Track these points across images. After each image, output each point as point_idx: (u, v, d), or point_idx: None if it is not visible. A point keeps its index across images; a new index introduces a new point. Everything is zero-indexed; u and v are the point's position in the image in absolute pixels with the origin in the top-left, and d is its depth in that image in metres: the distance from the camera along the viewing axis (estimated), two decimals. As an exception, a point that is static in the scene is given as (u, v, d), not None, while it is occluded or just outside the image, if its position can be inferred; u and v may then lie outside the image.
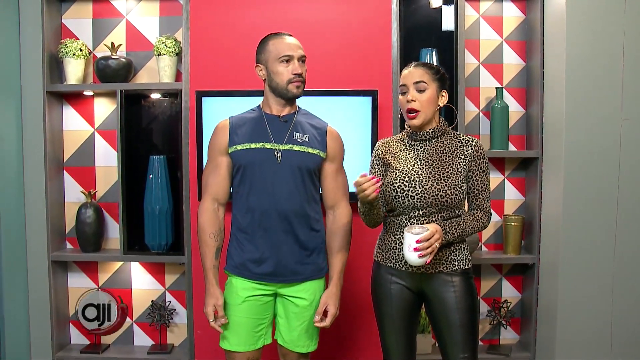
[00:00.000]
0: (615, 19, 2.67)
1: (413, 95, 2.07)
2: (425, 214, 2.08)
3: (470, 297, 2.11)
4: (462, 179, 2.08)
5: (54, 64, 3.06)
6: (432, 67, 2.13)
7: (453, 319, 2.08)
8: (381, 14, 2.89)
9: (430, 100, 2.08)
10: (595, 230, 2.74)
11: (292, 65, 2.16)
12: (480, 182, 2.12)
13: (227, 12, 2.90)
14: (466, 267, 2.12)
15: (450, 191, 2.05)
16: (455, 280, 2.10)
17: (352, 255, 2.38)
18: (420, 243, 1.93)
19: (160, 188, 3.01)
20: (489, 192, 2.14)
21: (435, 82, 2.10)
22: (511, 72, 3.14)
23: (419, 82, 2.07)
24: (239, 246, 2.23)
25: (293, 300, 2.24)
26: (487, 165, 2.13)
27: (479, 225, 2.11)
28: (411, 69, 2.11)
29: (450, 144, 2.14)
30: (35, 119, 2.98)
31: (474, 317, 2.11)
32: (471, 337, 2.10)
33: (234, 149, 2.20)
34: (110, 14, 3.13)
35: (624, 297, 2.76)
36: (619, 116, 2.70)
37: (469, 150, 2.10)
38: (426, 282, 2.12)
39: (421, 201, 2.07)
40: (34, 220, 3.02)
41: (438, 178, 2.07)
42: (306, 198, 2.21)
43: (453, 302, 2.08)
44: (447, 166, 2.09)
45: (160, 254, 3.06)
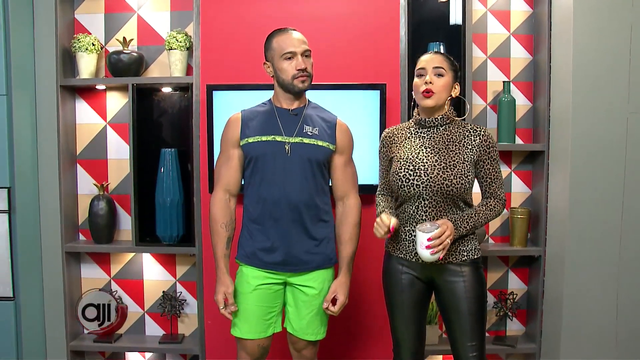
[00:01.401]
0: (623, 12, 2.68)
1: (431, 78, 2.13)
2: (432, 203, 2.12)
3: (479, 286, 2.15)
4: (469, 168, 2.12)
5: (67, 59, 3.11)
6: (450, 58, 2.20)
7: (462, 307, 2.12)
8: (389, 8, 2.91)
9: (446, 86, 2.14)
10: (601, 223, 2.77)
11: (295, 61, 2.20)
12: (492, 170, 2.16)
13: (237, 7, 2.94)
14: (475, 257, 2.16)
15: (456, 180, 2.08)
16: (465, 270, 2.14)
17: (362, 246, 2.42)
18: (431, 241, 1.98)
19: (172, 180, 3.05)
20: (501, 179, 2.19)
21: (452, 72, 2.17)
22: (518, 65, 3.15)
23: (438, 67, 2.13)
24: (250, 236, 2.29)
25: (302, 289, 2.29)
26: (497, 153, 2.18)
27: (493, 214, 2.16)
28: (432, 55, 2.18)
29: (458, 132, 2.18)
30: (48, 113, 3.03)
31: (482, 306, 2.16)
32: (479, 325, 2.14)
33: (245, 142, 2.25)
34: (122, 8, 3.17)
35: (629, 289, 2.78)
36: (626, 110, 2.72)
37: (477, 140, 2.14)
38: (436, 272, 2.17)
39: (427, 189, 2.11)
40: (48, 212, 3.07)
41: (444, 166, 2.10)
42: (316, 189, 2.25)
43: (462, 292, 2.12)
44: (453, 155, 2.12)
45: (171, 246, 3.10)
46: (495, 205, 2.16)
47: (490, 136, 2.16)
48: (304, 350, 2.35)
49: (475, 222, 2.11)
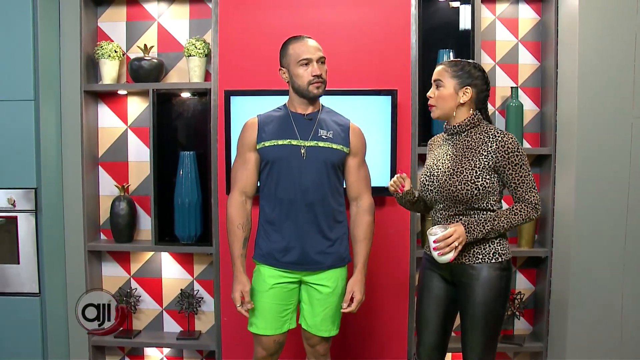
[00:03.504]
0: (627, 20, 2.75)
1: (432, 91, 2.22)
2: (445, 207, 2.19)
3: (493, 291, 2.12)
4: (480, 175, 2.10)
5: (90, 65, 3.23)
6: (456, 64, 2.20)
7: (471, 310, 2.14)
8: (400, 15, 2.99)
9: (444, 96, 2.19)
10: (606, 225, 2.83)
11: (311, 67, 2.28)
12: (515, 174, 2.10)
13: (254, 15, 3.03)
14: (493, 261, 2.13)
15: (462, 186, 2.11)
16: (479, 273, 2.13)
17: (375, 246, 2.49)
18: (437, 243, 2.06)
19: (190, 182, 3.16)
20: (528, 183, 2.11)
21: (454, 79, 2.17)
22: (526, 72, 3.23)
23: (436, 80, 2.21)
24: (267, 236, 2.37)
25: (316, 288, 2.37)
26: (521, 157, 2.10)
27: (519, 218, 2.09)
28: (438, 67, 2.24)
29: (478, 138, 2.16)
30: (73, 117, 3.15)
31: (490, 311, 2.12)
32: (482, 331, 2.14)
33: (262, 145, 2.33)
34: (143, 17, 3.29)
35: (634, 290, 2.84)
36: (630, 115, 2.79)
37: (494, 146, 2.10)
38: (456, 272, 2.19)
39: (439, 195, 2.18)
40: (71, 213, 3.19)
41: (452, 173, 2.14)
42: (330, 191, 2.33)
43: (472, 295, 2.13)
44: (466, 161, 2.14)
45: (189, 245, 3.21)
46: (521, 210, 2.10)
47: (510, 141, 2.09)
48: (318, 346, 2.44)
49: (494, 225, 2.08)
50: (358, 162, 2.42)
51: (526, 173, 2.12)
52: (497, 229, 2.09)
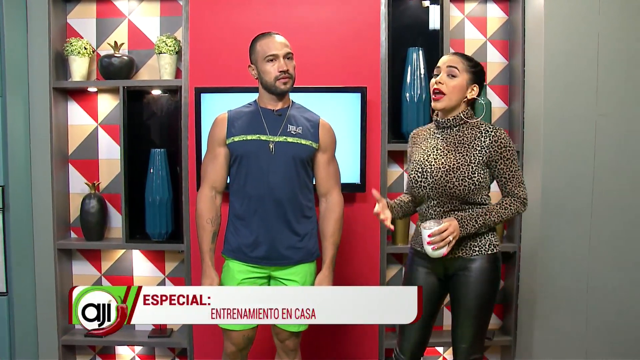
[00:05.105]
0: (591, 20, 2.83)
1: (442, 79, 2.14)
2: (439, 203, 2.17)
3: (487, 284, 2.16)
4: (476, 170, 2.11)
5: (60, 62, 3.20)
6: (471, 60, 2.19)
7: (464, 302, 2.16)
8: (370, 14, 3.03)
9: (457, 87, 2.14)
10: (571, 220, 2.90)
11: (277, 63, 2.30)
12: (506, 169, 2.13)
13: (225, 13, 3.05)
14: (489, 253, 2.16)
15: (459, 182, 2.11)
16: (474, 265, 2.15)
17: (344, 242, 2.52)
18: (432, 237, 2.06)
19: (161, 180, 3.15)
20: (518, 178, 2.15)
21: (468, 73, 2.15)
22: (494, 70, 3.28)
23: (452, 67, 2.14)
24: (236, 231, 2.39)
25: (285, 283, 2.38)
26: (512, 152, 2.13)
27: (509, 212, 2.13)
28: (449, 56, 2.19)
29: (471, 134, 2.16)
30: (41, 114, 3.12)
31: (485, 303, 2.17)
32: (477, 322, 2.17)
33: (231, 140, 2.35)
34: (113, 14, 3.27)
35: (598, 284, 2.92)
36: (594, 112, 2.86)
37: (487, 141, 2.11)
38: (449, 266, 2.20)
39: (433, 191, 2.16)
40: (40, 210, 3.16)
41: (448, 169, 2.12)
42: (299, 186, 2.35)
43: (467, 288, 2.15)
44: (460, 157, 2.13)
45: (160, 242, 3.20)
46: (511, 204, 2.13)
47: (503, 137, 2.12)
48: (287, 341, 2.44)
49: (486, 220, 2.10)
50: (327, 158, 2.43)
51: (516, 168, 2.15)
52: (489, 223, 2.12)
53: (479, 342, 2.21)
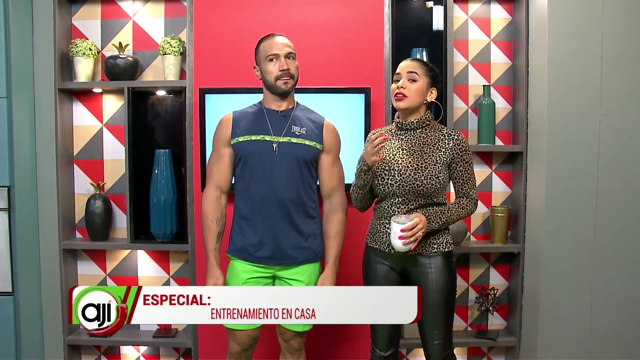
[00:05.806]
0: (594, 20, 2.82)
1: (404, 83, 2.27)
2: (404, 201, 2.26)
3: (447, 278, 2.29)
4: (441, 170, 2.25)
5: (65, 63, 3.22)
6: (427, 65, 2.32)
7: (428, 298, 2.23)
8: (374, 14, 3.04)
9: (418, 90, 2.27)
10: (575, 220, 2.89)
11: (278, 62, 2.33)
12: (464, 171, 2.29)
13: (229, 14, 3.06)
14: (446, 250, 2.30)
15: (427, 181, 2.22)
16: (434, 262, 2.27)
17: (347, 243, 2.53)
18: (404, 232, 2.12)
19: (165, 180, 3.16)
20: (473, 180, 2.32)
21: (427, 77, 2.29)
22: (498, 70, 3.28)
23: (412, 73, 2.27)
24: (241, 231, 2.40)
25: (290, 282, 2.40)
26: (470, 156, 2.31)
27: (464, 212, 2.30)
28: (408, 62, 2.32)
29: (434, 136, 2.30)
30: (47, 115, 3.13)
31: (448, 297, 2.29)
32: (444, 315, 2.28)
33: (235, 141, 2.36)
34: (118, 15, 3.29)
35: (602, 284, 2.90)
36: (598, 112, 2.85)
37: (451, 143, 2.27)
38: (408, 263, 2.30)
39: (400, 189, 2.25)
40: (46, 211, 3.17)
41: (416, 168, 2.24)
42: (303, 187, 2.37)
43: (430, 283, 2.25)
44: (426, 157, 2.26)
45: (165, 243, 3.21)
46: (467, 204, 2.29)
47: (464, 140, 2.29)
48: (292, 341, 2.46)
49: (448, 218, 2.24)
50: (331, 160, 2.45)
51: (472, 171, 2.32)
52: (449, 221, 2.26)
53: (450, 337, 2.32)
